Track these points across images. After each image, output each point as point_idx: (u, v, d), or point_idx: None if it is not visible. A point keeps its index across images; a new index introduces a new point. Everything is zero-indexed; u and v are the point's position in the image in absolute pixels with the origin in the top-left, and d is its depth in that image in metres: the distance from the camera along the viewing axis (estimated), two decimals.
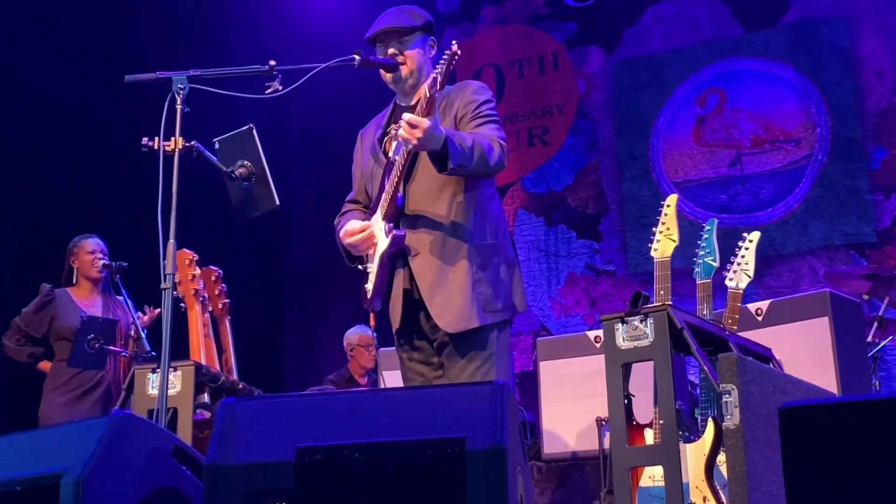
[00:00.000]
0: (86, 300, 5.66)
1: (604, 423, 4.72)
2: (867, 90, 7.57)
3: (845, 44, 7.67)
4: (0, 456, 2.57)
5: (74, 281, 5.68)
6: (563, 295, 8.20)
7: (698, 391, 3.96)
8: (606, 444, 4.66)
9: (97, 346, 5.18)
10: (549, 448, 5.04)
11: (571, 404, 4.98)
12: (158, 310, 5.40)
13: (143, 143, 3.42)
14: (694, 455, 3.09)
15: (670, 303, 3.10)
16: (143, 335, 5.33)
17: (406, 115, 3.28)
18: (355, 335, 6.82)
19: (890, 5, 7.58)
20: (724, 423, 2.85)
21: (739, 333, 3.63)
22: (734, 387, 2.86)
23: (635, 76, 8.37)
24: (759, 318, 4.45)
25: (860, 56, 7.61)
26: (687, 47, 8.20)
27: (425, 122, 3.23)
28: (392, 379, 4.81)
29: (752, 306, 4.49)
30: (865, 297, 6.00)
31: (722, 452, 3.05)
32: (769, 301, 4.58)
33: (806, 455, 1.46)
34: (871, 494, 1.37)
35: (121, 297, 5.61)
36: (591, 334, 5.11)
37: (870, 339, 5.35)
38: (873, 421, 1.44)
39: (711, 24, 8.16)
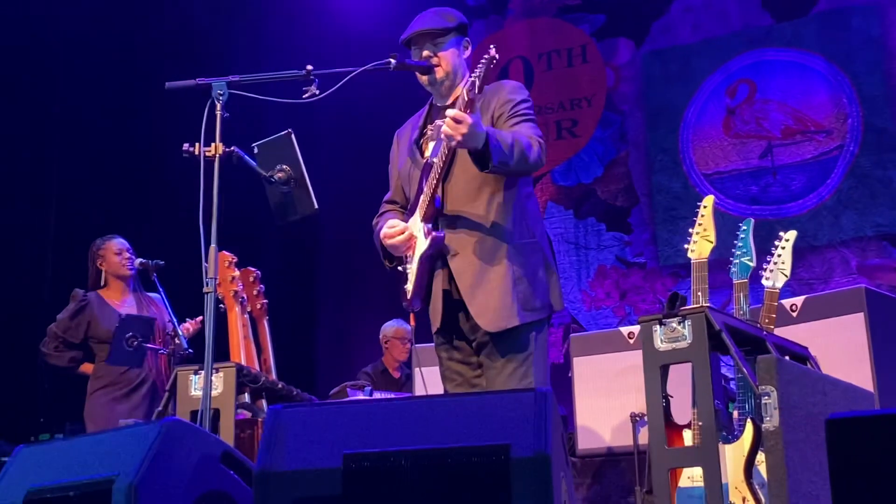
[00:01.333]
0: (118, 300, 5.67)
1: (638, 418, 4.75)
2: None
3: (877, 33, 7.62)
4: (54, 461, 2.62)
5: (103, 283, 5.70)
6: (593, 287, 8.21)
7: (732, 385, 3.97)
8: (641, 440, 4.68)
9: (135, 343, 5.24)
10: (584, 444, 5.07)
11: (605, 400, 5.01)
12: (200, 317, 5.45)
13: (184, 148, 3.45)
14: (733, 455, 3.10)
15: (708, 304, 3.12)
16: (181, 332, 5.38)
17: (450, 111, 3.28)
18: (391, 328, 6.91)
19: None
20: (763, 425, 2.86)
21: (775, 330, 3.65)
22: (773, 388, 2.87)
23: (664, 68, 8.35)
24: (794, 314, 4.45)
25: (892, 45, 7.55)
26: (716, 38, 8.17)
27: (469, 118, 3.24)
28: (430, 375, 4.84)
29: (786, 302, 4.48)
30: None
31: (761, 453, 3.06)
32: (804, 297, 4.58)
33: (854, 467, 1.46)
34: None
35: (156, 295, 5.65)
36: (625, 330, 5.13)
37: None
38: None
39: (741, 15, 8.13)
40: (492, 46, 3.45)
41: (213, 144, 3.42)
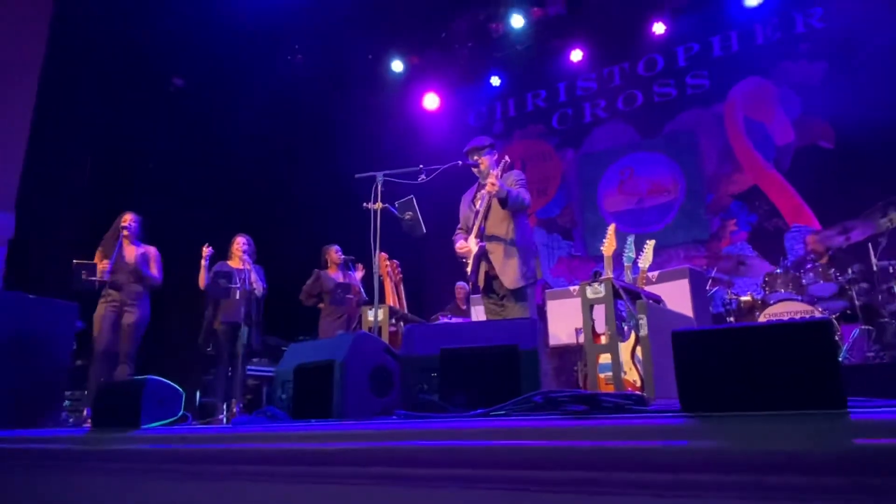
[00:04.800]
0: (333, 275, 5.71)
1: (578, 330, 4.66)
2: (705, 166, 7.34)
3: (694, 143, 7.45)
4: (308, 350, 2.66)
5: (327, 266, 5.78)
6: (556, 266, 8.11)
7: (624, 314, 3.88)
8: (580, 340, 4.60)
9: (343, 296, 5.31)
10: (552, 341, 4.99)
11: (563, 321, 4.94)
12: (360, 264, 5.48)
13: (364, 205, 3.50)
14: (625, 348, 3.06)
15: (612, 276, 3.07)
16: (362, 290, 5.41)
17: (489, 179, 3.36)
18: (458, 287, 6.93)
19: (715, 127, 7.35)
20: (640, 334, 2.82)
21: (646, 289, 3.57)
22: (644, 316, 2.83)
23: (589, 161, 8.20)
24: (654, 280, 4.36)
25: (701, 150, 7.39)
26: (615, 147, 8.02)
27: (499, 183, 3.32)
28: (479, 311, 4.83)
29: (650, 274, 4.39)
30: (704, 267, 5.84)
31: (638, 347, 3.01)
32: (658, 271, 4.49)
33: (687, 358, 1.39)
34: (732, 389, 1.34)
35: (351, 272, 5.72)
36: (572, 288, 5.05)
37: (707, 288, 5.20)
38: (731, 341, 1.35)
39: (625, 136, 7.97)
40: (506, 156, 3.44)
41: (377, 202, 3.46)
